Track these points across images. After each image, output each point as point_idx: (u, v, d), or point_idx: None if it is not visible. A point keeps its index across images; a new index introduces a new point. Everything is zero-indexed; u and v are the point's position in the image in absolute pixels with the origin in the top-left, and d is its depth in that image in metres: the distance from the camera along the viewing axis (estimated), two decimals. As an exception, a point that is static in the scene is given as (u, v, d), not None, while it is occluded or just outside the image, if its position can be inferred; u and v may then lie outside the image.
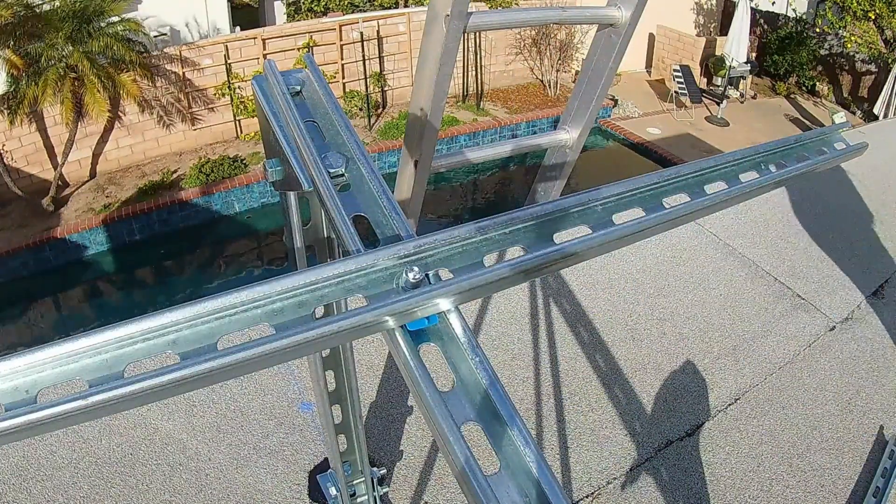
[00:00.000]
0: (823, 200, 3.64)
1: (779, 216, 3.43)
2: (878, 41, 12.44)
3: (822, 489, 2.04)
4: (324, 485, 1.76)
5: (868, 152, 0.97)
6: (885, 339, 2.66)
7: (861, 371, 2.49)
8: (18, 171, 9.80)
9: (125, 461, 1.97)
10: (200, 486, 1.91)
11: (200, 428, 2.09)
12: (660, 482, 2.03)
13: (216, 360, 0.45)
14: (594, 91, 1.17)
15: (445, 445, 0.45)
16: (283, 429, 2.10)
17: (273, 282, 0.50)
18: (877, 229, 3.41)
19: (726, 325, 2.65)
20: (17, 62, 8.54)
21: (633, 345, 2.51)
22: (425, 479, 1.98)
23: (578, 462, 2.07)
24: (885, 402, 2.36)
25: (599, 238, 0.61)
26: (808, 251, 3.17)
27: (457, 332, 0.53)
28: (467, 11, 1.01)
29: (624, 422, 2.21)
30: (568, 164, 1.37)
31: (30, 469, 1.93)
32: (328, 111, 0.72)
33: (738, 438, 2.18)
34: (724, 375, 2.41)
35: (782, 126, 12.59)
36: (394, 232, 0.60)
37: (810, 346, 2.58)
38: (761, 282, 2.92)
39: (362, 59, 11.71)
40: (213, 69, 10.91)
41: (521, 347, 2.45)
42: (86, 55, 8.98)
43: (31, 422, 0.43)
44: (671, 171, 0.71)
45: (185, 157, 10.86)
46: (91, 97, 8.99)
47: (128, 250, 9.61)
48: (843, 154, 0.89)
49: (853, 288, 2.93)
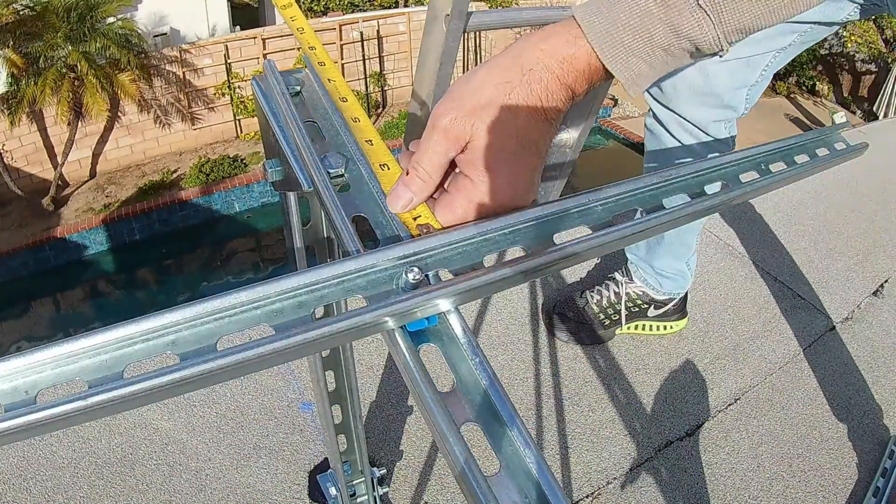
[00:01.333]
0: (823, 200, 3.64)
1: (779, 216, 3.43)
2: (878, 41, 12.45)
3: (822, 489, 2.04)
4: (324, 485, 1.76)
5: (868, 152, 0.97)
6: (885, 339, 2.66)
7: (861, 371, 2.49)
8: (18, 170, 9.81)
9: (125, 461, 1.97)
10: (200, 486, 1.91)
11: (200, 428, 2.09)
12: (660, 482, 2.03)
13: (216, 361, 0.45)
14: (594, 91, 1.17)
15: (445, 446, 0.45)
16: (283, 429, 2.10)
17: (273, 282, 0.50)
18: (877, 229, 3.41)
19: (726, 325, 2.65)
20: (17, 62, 8.55)
21: (633, 345, 2.51)
22: (425, 479, 1.98)
23: (578, 462, 2.07)
24: (886, 402, 2.36)
25: (599, 238, 0.61)
26: (808, 251, 3.17)
27: (457, 333, 0.53)
28: (467, 11, 1.01)
29: (624, 422, 2.21)
30: (568, 163, 1.37)
31: (30, 469, 1.93)
32: (328, 111, 0.72)
33: (738, 438, 2.18)
34: (724, 375, 2.41)
35: (782, 126, 12.59)
36: (394, 232, 0.60)
37: (810, 346, 2.58)
38: (761, 282, 2.92)
39: (362, 59, 11.73)
40: (213, 69, 10.92)
41: (521, 347, 2.45)
42: (84, 55, 8.99)
43: (30, 422, 0.43)
44: (671, 172, 0.71)
45: (185, 157, 10.88)
46: (90, 97, 9.01)
47: (128, 250, 9.62)
48: (844, 154, 0.89)
49: (853, 288, 2.93)
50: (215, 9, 12.18)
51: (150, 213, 9.65)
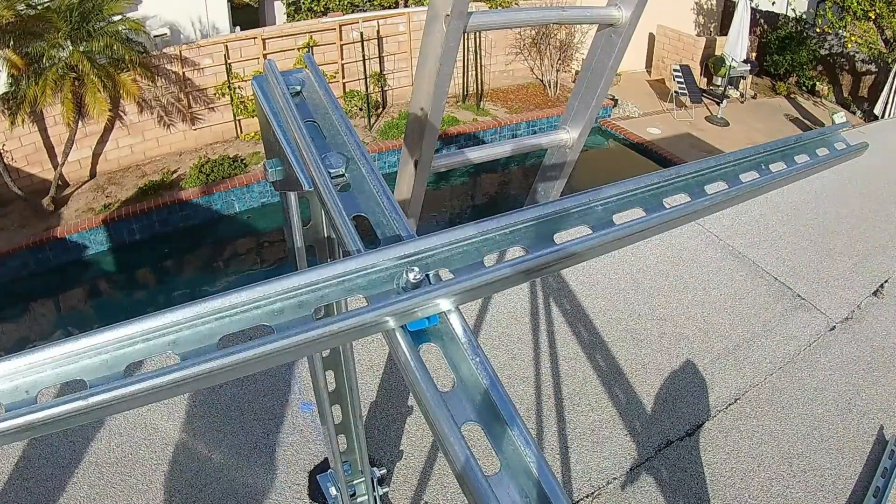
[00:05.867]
0: (823, 200, 3.64)
1: (779, 216, 3.43)
2: (878, 41, 12.44)
3: (822, 489, 2.04)
4: (324, 485, 1.76)
5: (868, 152, 0.97)
6: (885, 339, 2.66)
7: (861, 371, 2.49)
8: (18, 170, 9.80)
9: (125, 461, 1.97)
10: (200, 486, 1.91)
11: (200, 428, 2.09)
12: (660, 482, 2.03)
13: (216, 361, 0.45)
14: (594, 91, 1.17)
15: (445, 445, 0.45)
16: (284, 429, 2.10)
17: (273, 282, 0.50)
18: (876, 229, 3.41)
19: (726, 325, 2.65)
20: (17, 62, 8.53)
21: (633, 345, 2.51)
22: (425, 479, 1.98)
23: (578, 462, 2.07)
24: (885, 402, 2.36)
25: (599, 238, 0.61)
26: (807, 251, 3.17)
27: (457, 333, 0.53)
28: (467, 11, 1.01)
29: (624, 422, 2.21)
30: (568, 163, 1.37)
31: (30, 469, 1.93)
32: (328, 111, 0.72)
33: (738, 438, 2.18)
34: (724, 375, 2.41)
35: (782, 126, 12.58)
36: (394, 232, 0.60)
37: (810, 346, 2.58)
38: (761, 282, 2.92)
39: (362, 59, 11.71)
40: (213, 69, 10.90)
41: (521, 347, 2.45)
42: (86, 55, 8.98)
43: (31, 422, 0.43)
44: (671, 172, 0.71)
45: (185, 157, 10.86)
46: (91, 97, 8.99)
47: (128, 250, 9.61)
48: (843, 154, 0.89)
49: (853, 288, 2.93)
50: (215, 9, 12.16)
51: (150, 213, 9.63)
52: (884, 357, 2.56)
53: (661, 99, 13.74)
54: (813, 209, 3.54)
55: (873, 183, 3.87)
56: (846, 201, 3.64)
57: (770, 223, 3.36)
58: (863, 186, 3.81)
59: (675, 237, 3.21)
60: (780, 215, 3.44)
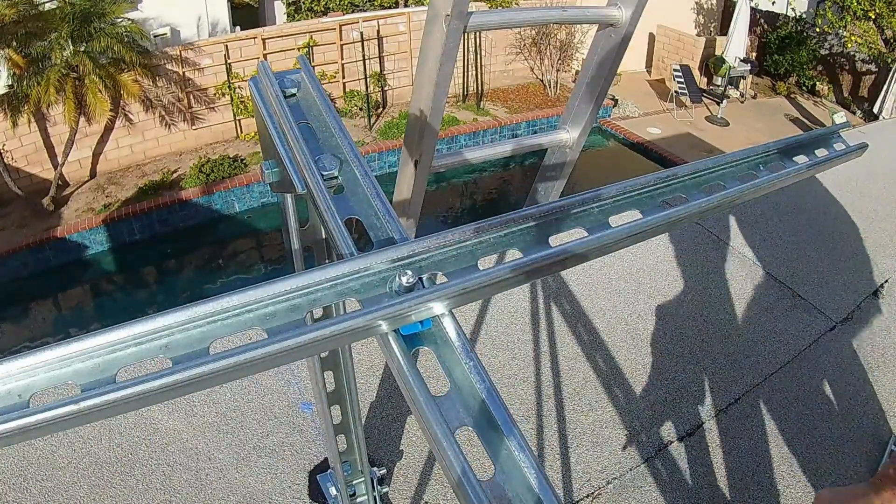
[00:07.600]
0: (823, 200, 3.64)
1: (779, 216, 3.43)
2: (878, 41, 12.42)
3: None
4: (324, 485, 1.76)
5: (868, 152, 0.97)
6: (884, 339, 2.66)
7: (861, 371, 2.48)
8: (18, 170, 9.80)
9: (125, 461, 1.97)
10: (200, 486, 1.91)
11: (200, 427, 2.09)
12: (660, 482, 2.03)
13: (208, 365, 0.45)
14: (594, 91, 1.17)
15: (439, 451, 0.45)
16: (283, 429, 2.10)
17: (265, 286, 0.50)
18: (877, 229, 3.40)
19: (726, 325, 2.65)
20: (18, 62, 8.53)
21: (634, 345, 2.50)
22: (425, 479, 1.98)
23: (578, 462, 2.07)
24: (885, 402, 2.36)
25: (595, 241, 0.61)
26: (807, 251, 3.17)
27: (451, 336, 0.52)
28: (467, 11, 1.00)
29: (624, 422, 2.21)
30: (568, 163, 1.36)
31: (30, 469, 1.93)
32: (322, 113, 0.72)
33: (738, 438, 2.18)
34: (724, 375, 2.41)
35: (782, 126, 12.56)
36: (387, 235, 0.60)
37: (810, 346, 2.57)
38: (761, 282, 2.92)
39: (362, 59, 11.70)
40: (214, 69, 10.89)
41: (521, 347, 2.44)
42: (87, 55, 8.98)
43: (23, 426, 0.43)
44: (670, 172, 0.70)
45: (185, 157, 10.86)
46: (93, 97, 8.99)
47: (128, 250, 9.61)
48: (843, 154, 0.88)
49: (853, 288, 2.93)
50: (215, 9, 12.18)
51: (150, 213, 9.63)
52: (884, 357, 2.56)
53: (661, 99, 13.73)
54: (813, 209, 3.54)
55: (873, 183, 3.86)
56: (846, 201, 3.64)
57: (770, 223, 3.36)
58: (863, 186, 3.81)
59: (676, 237, 3.21)
60: (780, 215, 3.43)
